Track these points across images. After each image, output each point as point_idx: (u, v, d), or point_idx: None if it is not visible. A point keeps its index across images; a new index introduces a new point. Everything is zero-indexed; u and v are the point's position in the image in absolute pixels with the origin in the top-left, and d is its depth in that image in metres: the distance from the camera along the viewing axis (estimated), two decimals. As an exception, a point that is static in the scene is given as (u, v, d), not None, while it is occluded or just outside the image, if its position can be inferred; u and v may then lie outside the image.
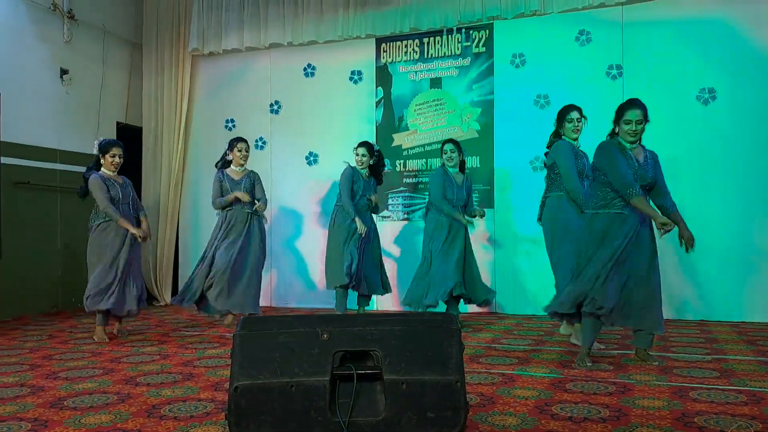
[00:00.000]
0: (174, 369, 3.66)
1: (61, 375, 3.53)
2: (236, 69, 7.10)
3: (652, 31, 5.68)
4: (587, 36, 5.87)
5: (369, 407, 2.06)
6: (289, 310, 6.35)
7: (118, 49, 7.18)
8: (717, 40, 5.49)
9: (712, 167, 5.47)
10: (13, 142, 5.87)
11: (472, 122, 6.21)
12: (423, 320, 2.26)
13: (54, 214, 6.34)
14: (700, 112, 5.52)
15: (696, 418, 2.55)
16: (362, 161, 5.50)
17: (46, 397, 3.03)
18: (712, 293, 5.42)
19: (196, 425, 2.56)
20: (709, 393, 2.95)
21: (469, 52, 6.25)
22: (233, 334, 2.16)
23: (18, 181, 5.90)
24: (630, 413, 2.64)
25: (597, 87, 5.78)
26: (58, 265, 6.33)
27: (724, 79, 5.46)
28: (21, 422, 2.63)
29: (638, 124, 3.60)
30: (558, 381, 3.25)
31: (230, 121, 7.07)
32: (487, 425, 2.51)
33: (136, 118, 7.33)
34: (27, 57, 6.09)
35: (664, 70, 5.62)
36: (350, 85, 6.66)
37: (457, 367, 2.09)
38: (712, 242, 5.41)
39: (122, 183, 4.88)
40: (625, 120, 3.60)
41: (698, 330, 4.88)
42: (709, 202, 5.45)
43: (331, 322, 2.21)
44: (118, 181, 4.87)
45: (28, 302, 6.01)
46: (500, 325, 5.29)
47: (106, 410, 2.80)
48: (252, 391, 2.03)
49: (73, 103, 6.58)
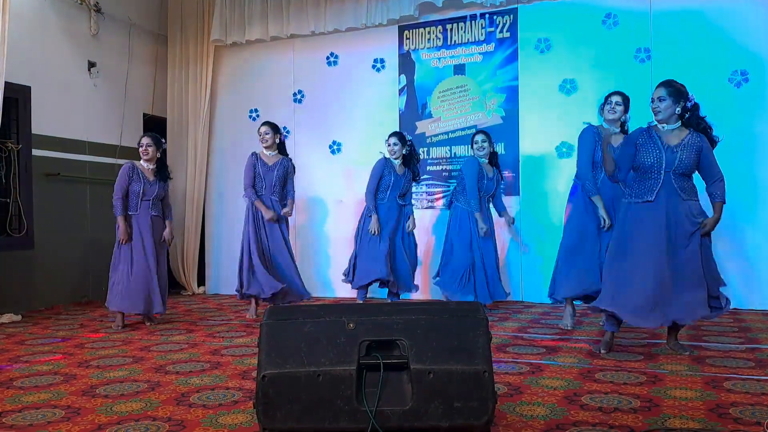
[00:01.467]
0: (202, 357, 3.70)
1: (92, 363, 3.59)
2: (259, 59, 7.11)
3: (681, 13, 5.53)
4: (614, 19, 5.74)
5: (396, 397, 2.05)
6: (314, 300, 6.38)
7: (143, 42, 7.24)
8: (748, 20, 5.33)
9: (747, 150, 5.33)
10: (44, 134, 5.96)
11: (497, 109, 6.14)
12: (449, 309, 2.24)
13: (83, 205, 6.43)
14: (733, 94, 5.38)
15: (731, 409, 2.49)
16: (394, 150, 5.47)
17: (79, 385, 3.09)
18: (745, 281, 5.30)
19: (224, 413, 2.59)
20: (744, 383, 2.89)
21: (493, 37, 6.16)
22: (260, 323, 2.17)
23: (49, 173, 6.00)
24: (662, 404, 2.59)
25: (625, 71, 5.66)
26: (87, 256, 6.44)
27: (757, 61, 5.31)
28: (55, 409, 2.69)
29: (659, 101, 3.59)
30: (587, 371, 3.20)
31: (254, 111, 7.09)
32: (515, 415, 2.49)
33: (162, 109, 7.40)
34: (55, 51, 6.17)
35: (694, 53, 5.48)
36: (373, 73, 6.62)
37: (484, 356, 2.07)
38: (743, 228, 5.29)
39: (152, 180, 4.95)
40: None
41: (731, 319, 4.78)
42: (743, 187, 5.32)
43: (357, 312, 2.20)
44: (149, 178, 4.93)
45: (60, 292, 6.13)
46: (527, 314, 5.24)
47: (137, 398, 2.84)
48: (279, 380, 2.04)
49: (100, 95, 6.65)
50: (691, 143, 3.56)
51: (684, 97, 3.58)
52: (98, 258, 6.52)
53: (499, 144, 6.04)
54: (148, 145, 4.97)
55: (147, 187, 4.91)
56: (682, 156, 3.54)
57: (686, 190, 3.57)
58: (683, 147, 3.56)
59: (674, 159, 3.53)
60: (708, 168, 3.61)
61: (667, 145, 3.57)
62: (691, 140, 3.57)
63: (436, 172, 6.35)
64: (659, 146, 3.57)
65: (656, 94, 3.63)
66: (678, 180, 3.55)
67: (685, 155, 3.54)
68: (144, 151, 4.95)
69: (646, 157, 3.58)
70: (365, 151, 6.27)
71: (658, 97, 3.61)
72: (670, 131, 3.61)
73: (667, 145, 3.57)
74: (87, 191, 6.47)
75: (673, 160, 3.53)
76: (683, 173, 3.57)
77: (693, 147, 3.56)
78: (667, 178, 3.54)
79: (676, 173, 3.55)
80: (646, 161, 3.58)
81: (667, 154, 3.54)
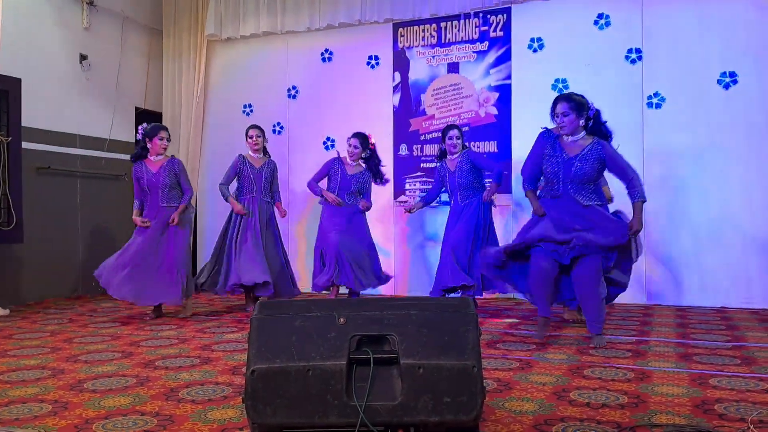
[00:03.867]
0: (192, 353, 3.70)
1: (81, 358, 3.58)
2: (254, 54, 7.09)
3: (672, 14, 5.57)
4: (606, 19, 5.77)
5: (385, 391, 2.05)
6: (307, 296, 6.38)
7: (136, 35, 7.21)
8: (738, 22, 5.37)
9: (734, 153, 5.37)
10: (34, 127, 5.92)
11: (490, 107, 6.15)
12: (440, 305, 2.24)
13: (74, 198, 6.40)
14: (722, 96, 5.42)
15: (716, 406, 2.52)
16: (354, 153, 5.39)
17: (67, 380, 3.08)
18: (732, 280, 5.35)
19: (213, 408, 2.58)
20: (730, 380, 2.92)
21: (487, 36, 6.18)
22: (250, 318, 2.17)
23: (39, 166, 5.97)
24: (649, 400, 2.61)
25: (616, 71, 5.69)
26: (78, 250, 6.41)
27: (746, 63, 5.35)
28: (42, 404, 2.68)
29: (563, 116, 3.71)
30: (576, 367, 3.23)
31: (248, 106, 7.08)
32: (504, 411, 2.50)
33: (155, 103, 7.37)
34: (47, 43, 6.13)
35: (684, 54, 5.52)
36: (367, 70, 6.62)
37: (474, 352, 2.08)
38: (732, 228, 5.34)
39: (156, 171, 4.95)
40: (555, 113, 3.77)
41: (718, 317, 4.82)
42: (730, 187, 5.37)
43: (348, 307, 2.20)
44: (152, 170, 4.95)
45: (49, 286, 6.10)
46: (518, 310, 5.27)
47: (125, 393, 2.83)
48: (269, 375, 2.04)
49: (92, 88, 6.62)
50: (593, 152, 3.68)
51: (586, 108, 3.72)
52: (89, 252, 6.50)
53: (491, 142, 6.06)
54: (168, 138, 5.05)
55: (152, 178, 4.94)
56: (580, 165, 3.67)
57: (587, 196, 3.71)
58: (583, 157, 3.68)
59: (572, 169, 3.67)
60: (619, 171, 3.72)
61: (567, 156, 3.71)
62: (593, 149, 3.69)
63: (429, 169, 6.36)
64: (560, 157, 3.72)
65: (559, 110, 3.72)
66: (576, 188, 3.69)
67: (584, 164, 3.67)
68: (164, 147, 4.99)
69: (549, 168, 3.77)
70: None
71: (561, 112, 3.71)
72: (573, 142, 3.74)
73: (567, 156, 3.71)
74: (77, 185, 6.43)
75: (570, 170, 3.68)
76: (582, 182, 3.69)
77: (594, 155, 3.67)
78: (566, 189, 3.71)
79: (575, 182, 3.69)
80: (549, 172, 3.77)
81: (566, 165, 3.70)
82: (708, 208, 5.43)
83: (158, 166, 4.95)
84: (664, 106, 5.60)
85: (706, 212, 5.42)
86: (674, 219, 5.52)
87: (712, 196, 5.42)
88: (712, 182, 5.42)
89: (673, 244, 5.52)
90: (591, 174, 3.68)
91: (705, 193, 5.45)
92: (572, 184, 3.69)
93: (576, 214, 3.69)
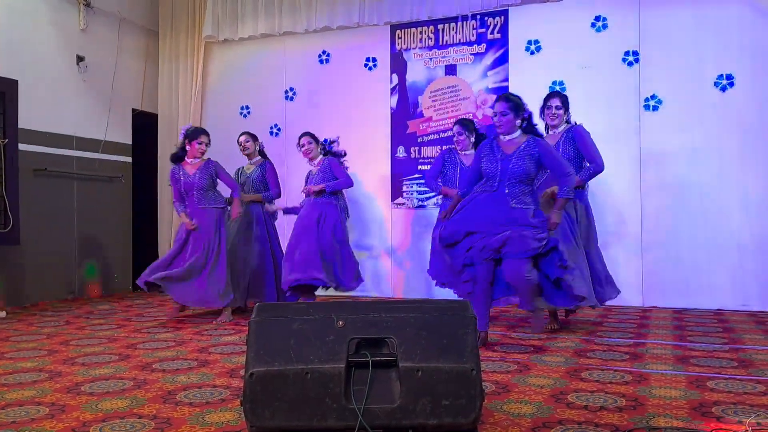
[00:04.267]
0: (189, 355, 3.69)
1: (78, 360, 3.57)
2: (251, 56, 7.09)
3: (669, 17, 5.59)
4: (603, 22, 5.79)
5: (384, 394, 2.06)
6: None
7: (133, 37, 7.20)
8: (735, 25, 5.39)
9: (730, 155, 5.39)
10: (31, 129, 5.91)
11: (487, 109, 6.16)
12: (438, 308, 2.24)
13: (70, 200, 6.38)
14: (718, 98, 5.43)
15: (714, 408, 2.52)
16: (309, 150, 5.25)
17: (64, 382, 3.07)
18: (729, 282, 5.36)
19: (211, 411, 2.58)
20: (727, 383, 2.92)
21: (484, 38, 6.19)
22: (249, 320, 2.17)
23: (36, 168, 5.95)
24: (646, 402, 2.62)
25: (613, 73, 5.71)
26: (74, 252, 6.39)
27: (743, 66, 5.37)
28: (39, 406, 2.67)
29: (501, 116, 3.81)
30: (573, 369, 3.23)
31: (245, 108, 7.07)
32: (502, 413, 2.50)
33: (152, 105, 7.36)
34: (43, 44, 6.12)
35: (681, 56, 5.54)
36: (365, 72, 6.63)
37: (472, 355, 2.08)
38: (729, 231, 5.35)
39: (192, 174, 4.96)
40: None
41: (715, 319, 4.83)
42: (726, 190, 5.38)
43: (346, 310, 2.20)
44: (189, 172, 4.97)
45: (46, 288, 6.08)
46: (514, 313, 5.27)
47: (123, 396, 2.82)
48: (267, 378, 2.04)
49: (89, 90, 6.61)
50: (527, 150, 3.77)
51: (523, 109, 3.83)
52: (85, 254, 6.48)
53: (488, 144, 6.06)
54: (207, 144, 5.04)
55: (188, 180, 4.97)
56: (516, 163, 3.75)
57: (518, 197, 3.76)
58: (518, 155, 3.77)
59: (508, 167, 3.76)
60: (554, 165, 3.80)
61: (504, 154, 3.81)
62: (527, 147, 3.77)
63: (426, 171, 6.35)
64: (497, 156, 3.82)
65: (498, 109, 3.82)
66: (512, 187, 3.76)
67: (519, 161, 3.75)
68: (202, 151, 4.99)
69: (487, 167, 3.84)
70: (356, 150, 6.26)
71: (500, 111, 3.80)
72: (510, 141, 3.83)
73: (504, 154, 3.80)
74: (74, 187, 6.42)
75: (507, 168, 3.76)
76: (519, 180, 3.76)
77: (528, 153, 3.76)
78: (501, 186, 3.78)
79: (511, 181, 3.76)
80: (488, 170, 3.83)
81: (503, 162, 3.78)
82: (705, 210, 5.44)
83: (195, 169, 4.98)
84: (661, 108, 5.61)
85: (703, 214, 5.44)
86: (671, 221, 5.53)
87: (709, 198, 5.44)
88: (708, 184, 5.44)
89: (670, 246, 5.53)
90: (527, 171, 3.76)
91: (702, 196, 5.46)
92: (509, 182, 3.77)
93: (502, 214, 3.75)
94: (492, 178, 3.81)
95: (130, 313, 5.39)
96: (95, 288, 6.62)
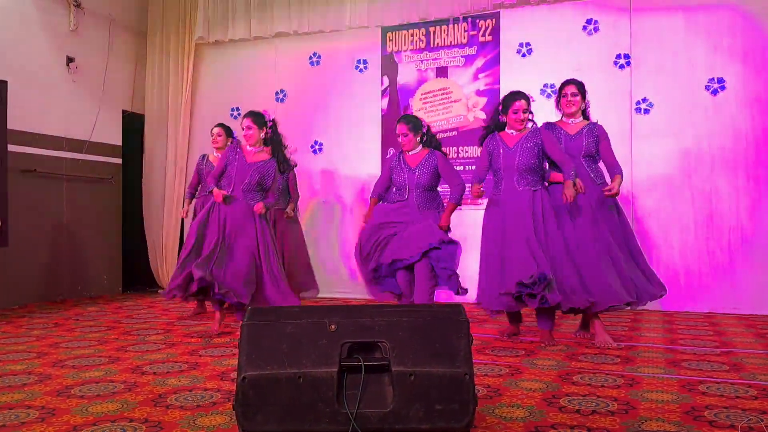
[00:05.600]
0: (180, 358, 3.66)
1: (67, 363, 3.54)
2: (242, 57, 7.07)
3: (661, 20, 5.62)
4: (595, 25, 5.81)
5: (376, 399, 2.05)
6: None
7: (123, 38, 7.16)
8: (726, 28, 5.43)
9: (722, 158, 5.42)
10: (20, 129, 5.86)
11: (478, 112, 6.17)
12: (431, 312, 2.24)
13: (60, 202, 6.34)
14: (710, 102, 5.47)
15: (705, 412, 2.53)
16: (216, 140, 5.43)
17: (53, 386, 3.04)
18: (720, 285, 5.39)
19: (202, 414, 2.56)
20: (719, 387, 2.93)
21: (475, 41, 6.20)
22: (241, 324, 2.15)
23: (25, 169, 5.90)
24: (638, 406, 2.62)
25: (605, 77, 5.73)
26: (64, 254, 6.34)
27: (734, 69, 5.41)
28: (29, 410, 2.64)
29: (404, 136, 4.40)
30: (565, 373, 3.23)
31: (236, 110, 7.05)
32: (494, 417, 2.50)
33: (142, 106, 7.32)
34: (33, 45, 6.07)
35: (673, 60, 5.57)
36: (356, 74, 6.62)
37: (465, 359, 2.07)
38: (719, 234, 5.38)
39: (249, 164, 4.47)
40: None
41: (706, 322, 4.85)
42: (717, 193, 5.42)
43: (339, 313, 2.19)
44: (247, 160, 4.49)
45: (35, 290, 6.03)
46: (506, 316, 5.26)
47: (113, 399, 2.80)
48: (259, 382, 2.02)
49: (79, 91, 6.56)
50: (428, 162, 4.36)
51: (421, 126, 4.44)
52: (75, 256, 6.43)
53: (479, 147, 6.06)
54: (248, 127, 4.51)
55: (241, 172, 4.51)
56: (420, 174, 4.34)
57: (426, 204, 4.33)
58: (420, 167, 4.35)
59: (414, 178, 4.34)
60: (448, 176, 4.36)
61: (410, 167, 4.38)
62: (428, 159, 4.36)
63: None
64: (405, 169, 4.39)
65: (399, 130, 4.40)
66: (420, 196, 4.33)
67: (422, 173, 4.34)
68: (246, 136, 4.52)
69: (397, 178, 4.41)
70: (347, 151, 6.26)
71: (402, 133, 4.38)
72: (413, 155, 4.42)
73: (410, 168, 4.37)
74: (63, 188, 6.37)
75: (414, 179, 4.34)
76: (425, 189, 4.35)
77: (429, 165, 4.35)
78: (411, 196, 4.35)
79: (419, 190, 4.34)
80: (397, 182, 4.40)
81: (409, 175, 4.37)
82: (695, 213, 5.48)
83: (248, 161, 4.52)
84: (652, 111, 5.64)
85: (693, 218, 5.47)
86: (661, 225, 5.56)
87: (700, 201, 5.47)
88: (699, 188, 5.47)
89: (660, 249, 5.55)
90: (429, 182, 4.36)
91: (692, 199, 5.49)
92: (416, 191, 4.34)
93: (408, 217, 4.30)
94: (402, 189, 4.39)
95: (119, 315, 5.35)
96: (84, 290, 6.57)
